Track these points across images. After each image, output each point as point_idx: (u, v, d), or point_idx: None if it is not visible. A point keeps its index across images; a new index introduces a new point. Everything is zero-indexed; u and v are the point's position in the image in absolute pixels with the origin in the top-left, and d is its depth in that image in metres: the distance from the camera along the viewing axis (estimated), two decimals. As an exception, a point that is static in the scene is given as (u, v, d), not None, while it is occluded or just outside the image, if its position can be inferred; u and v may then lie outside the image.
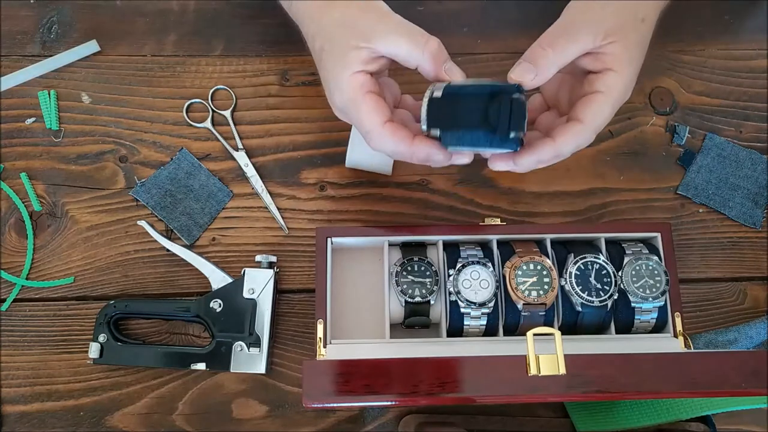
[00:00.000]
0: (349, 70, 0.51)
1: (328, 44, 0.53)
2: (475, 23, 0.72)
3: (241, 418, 0.61)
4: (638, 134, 0.69)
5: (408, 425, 0.60)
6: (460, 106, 0.49)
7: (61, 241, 0.64)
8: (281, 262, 0.64)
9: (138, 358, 0.60)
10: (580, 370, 0.45)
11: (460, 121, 0.49)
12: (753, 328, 0.63)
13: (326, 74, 0.54)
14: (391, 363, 0.46)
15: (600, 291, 0.57)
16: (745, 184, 0.68)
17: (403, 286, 0.58)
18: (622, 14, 0.52)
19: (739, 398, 0.50)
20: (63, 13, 0.70)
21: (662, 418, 0.55)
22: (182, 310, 0.60)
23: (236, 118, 0.68)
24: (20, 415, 0.60)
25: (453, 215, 0.66)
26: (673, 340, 0.58)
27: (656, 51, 0.72)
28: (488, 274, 0.57)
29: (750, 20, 0.74)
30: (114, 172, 0.66)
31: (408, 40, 0.52)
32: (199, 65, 0.69)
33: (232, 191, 0.66)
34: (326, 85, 0.54)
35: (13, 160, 0.66)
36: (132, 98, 0.68)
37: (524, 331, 0.49)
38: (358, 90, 0.52)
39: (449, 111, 0.50)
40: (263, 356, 0.60)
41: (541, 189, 0.67)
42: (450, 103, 0.50)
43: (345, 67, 0.51)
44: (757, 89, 0.71)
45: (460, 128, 0.49)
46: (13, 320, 0.62)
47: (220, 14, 0.71)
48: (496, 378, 0.46)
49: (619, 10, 0.52)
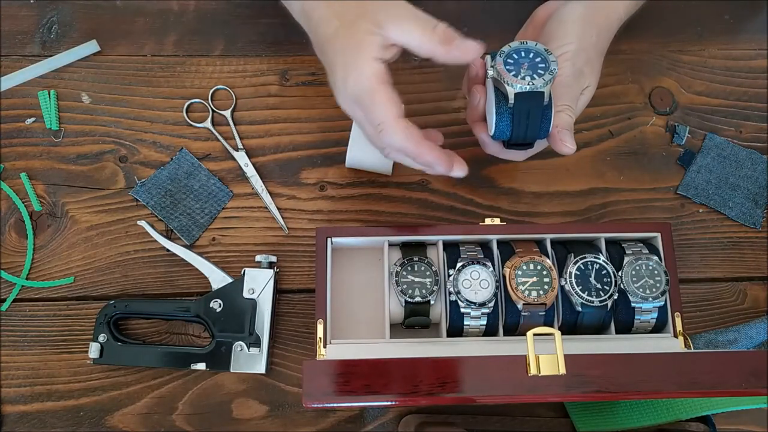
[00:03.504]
0: (367, 55, 0.50)
1: (344, 29, 0.51)
2: (475, 23, 0.71)
3: (241, 418, 0.61)
4: (638, 134, 0.69)
5: (408, 425, 0.60)
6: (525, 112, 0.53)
7: (61, 241, 0.64)
8: (281, 262, 0.64)
9: (138, 358, 0.60)
10: (580, 370, 0.45)
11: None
12: (753, 328, 0.63)
13: (340, 59, 0.52)
14: (391, 363, 0.46)
15: (600, 291, 0.57)
16: (745, 184, 0.68)
17: (403, 286, 0.58)
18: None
19: (739, 398, 0.50)
20: (63, 13, 0.70)
21: (662, 418, 0.55)
22: (182, 310, 0.60)
23: (236, 118, 0.68)
24: (20, 415, 0.60)
25: (453, 215, 0.66)
26: (673, 340, 0.58)
27: (656, 51, 0.72)
28: (488, 274, 0.57)
29: (750, 20, 0.74)
30: (114, 172, 0.66)
31: (418, 26, 0.51)
32: (199, 65, 0.69)
33: (232, 191, 0.66)
34: (337, 71, 0.52)
35: (13, 160, 0.66)
36: (132, 98, 0.68)
37: (524, 331, 0.49)
38: (375, 78, 0.51)
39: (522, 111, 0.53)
40: (263, 356, 0.60)
41: (541, 189, 0.67)
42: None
43: (362, 52, 0.50)
44: (757, 89, 0.71)
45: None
46: (13, 320, 0.62)
47: (220, 14, 0.71)
48: (496, 378, 0.46)
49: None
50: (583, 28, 0.56)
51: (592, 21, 0.57)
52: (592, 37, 0.57)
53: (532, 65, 0.52)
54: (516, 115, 0.53)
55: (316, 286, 0.57)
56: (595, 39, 0.57)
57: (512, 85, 0.51)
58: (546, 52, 0.53)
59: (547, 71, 0.52)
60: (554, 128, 0.54)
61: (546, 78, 0.51)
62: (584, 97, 0.58)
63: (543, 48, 0.53)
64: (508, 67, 0.52)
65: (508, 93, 0.52)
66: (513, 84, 0.51)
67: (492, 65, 0.53)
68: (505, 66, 0.52)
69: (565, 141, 0.54)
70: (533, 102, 0.52)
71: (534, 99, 0.52)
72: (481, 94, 0.56)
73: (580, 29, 0.56)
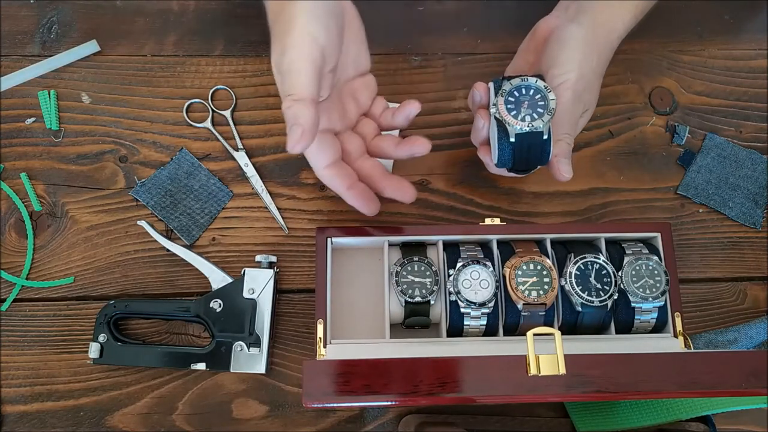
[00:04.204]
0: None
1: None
2: (475, 23, 0.72)
3: (241, 418, 0.61)
4: (638, 134, 0.69)
5: (408, 425, 0.60)
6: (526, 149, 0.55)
7: (61, 241, 0.64)
8: (281, 262, 0.64)
9: (138, 358, 0.60)
10: (580, 370, 0.45)
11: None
12: (753, 328, 0.63)
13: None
14: (391, 363, 0.46)
15: (600, 291, 0.57)
16: (745, 184, 0.68)
17: (403, 286, 0.58)
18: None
19: (739, 398, 0.50)
20: (63, 13, 0.70)
21: (662, 418, 0.55)
22: (182, 310, 0.60)
23: (236, 118, 0.68)
24: (20, 415, 0.60)
25: (453, 215, 0.66)
26: (673, 340, 0.58)
27: (656, 51, 0.72)
28: (488, 274, 0.57)
29: (750, 20, 0.74)
30: (114, 172, 0.66)
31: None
32: (199, 65, 0.69)
33: (232, 191, 0.66)
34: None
35: (13, 160, 0.66)
36: (132, 98, 0.68)
37: (524, 331, 0.49)
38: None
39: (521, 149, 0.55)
40: (263, 356, 0.60)
41: (541, 189, 0.67)
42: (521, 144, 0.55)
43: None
44: (757, 89, 0.71)
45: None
46: (13, 320, 0.62)
47: (220, 14, 0.71)
48: (496, 378, 0.46)
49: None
50: (584, 54, 0.57)
51: (594, 43, 0.58)
52: (593, 61, 0.58)
53: (532, 103, 0.54)
54: (517, 150, 0.55)
55: (316, 286, 0.57)
56: (596, 63, 0.58)
57: (513, 126, 0.54)
58: (546, 89, 0.54)
59: (546, 111, 0.54)
60: (553, 157, 0.56)
61: (545, 119, 0.54)
62: (583, 119, 0.60)
63: (543, 85, 0.54)
64: (509, 107, 0.54)
65: (509, 132, 0.54)
66: (514, 125, 0.54)
67: (494, 103, 0.55)
68: (506, 105, 0.54)
69: (562, 170, 0.57)
70: (533, 139, 0.54)
71: (534, 137, 0.54)
72: (485, 120, 0.57)
73: (581, 55, 0.57)
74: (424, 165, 0.67)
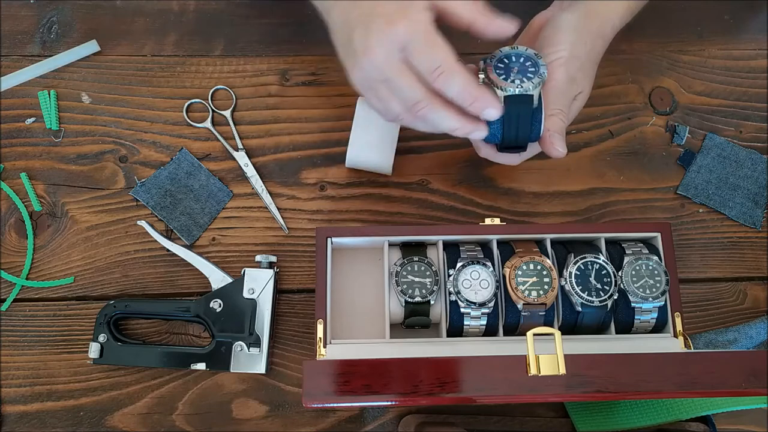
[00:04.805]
0: (419, 5, 0.49)
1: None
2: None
3: (241, 418, 0.61)
4: (638, 134, 0.69)
5: (408, 425, 0.60)
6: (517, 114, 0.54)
7: (61, 241, 0.64)
8: (281, 262, 0.64)
9: (138, 358, 0.60)
10: (580, 370, 0.45)
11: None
12: (753, 328, 0.63)
13: (382, 10, 0.50)
14: (391, 363, 0.46)
15: (600, 291, 0.57)
16: (745, 184, 0.68)
17: (403, 286, 0.58)
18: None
19: (739, 398, 0.50)
20: (63, 13, 0.70)
21: (662, 418, 0.55)
22: (182, 310, 0.60)
23: (236, 118, 0.68)
24: (20, 415, 0.60)
25: (453, 215, 0.66)
26: (673, 340, 0.58)
27: (656, 51, 0.72)
28: (488, 274, 0.57)
29: (750, 20, 0.74)
30: (114, 172, 0.66)
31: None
32: (199, 65, 0.69)
33: (232, 191, 0.66)
34: (375, 22, 0.50)
35: (13, 160, 0.66)
36: (132, 98, 0.68)
37: (524, 331, 0.49)
38: (431, 23, 0.50)
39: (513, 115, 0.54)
40: (263, 356, 0.60)
41: (541, 189, 0.67)
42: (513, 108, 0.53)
43: (414, 2, 0.49)
44: (757, 89, 0.71)
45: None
46: (13, 320, 0.62)
47: (220, 14, 0.71)
48: (496, 378, 0.46)
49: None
50: (576, 36, 0.57)
51: (586, 29, 0.58)
52: (586, 44, 0.57)
53: (522, 69, 0.53)
54: (506, 119, 0.53)
55: (316, 286, 0.57)
56: (589, 47, 0.58)
57: (502, 88, 0.52)
58: (536, 56, 0.54)
59: (536, 74, 0.53)
60: (545, 132, 0.54)
61: (535, 81, 0.52)
62: (577, 102, 0.59)
63: (533, 52, 0.54)
64: (498, 72, 0.53)
65: (498, 96, 0.53)
66: (503, 87, 0.52)
67: (482, 69, 0.54)
68: (495, 71, 0.53)
69: (555, 144, 0.55)
70: (523, 105, 0.53)
71: (523, 102, 0.52)
72: None
73: (574, 36, 0.57)
74: (424, 165, 0.67)
